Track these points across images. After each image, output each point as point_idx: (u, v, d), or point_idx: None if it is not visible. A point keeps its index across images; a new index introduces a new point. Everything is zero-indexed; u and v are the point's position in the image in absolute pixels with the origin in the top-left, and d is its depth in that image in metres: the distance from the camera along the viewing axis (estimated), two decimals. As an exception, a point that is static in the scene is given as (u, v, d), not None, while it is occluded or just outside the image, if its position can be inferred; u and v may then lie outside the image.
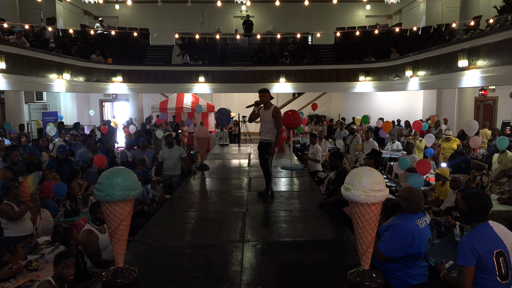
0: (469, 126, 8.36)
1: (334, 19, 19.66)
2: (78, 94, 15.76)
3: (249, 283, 2.90)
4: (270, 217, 4.53)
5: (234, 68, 15.16)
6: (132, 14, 20.16)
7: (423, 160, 6.62)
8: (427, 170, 6.25)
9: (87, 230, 4.06)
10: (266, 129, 5.22)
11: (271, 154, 5.22)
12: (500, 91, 14.40)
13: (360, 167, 3.35)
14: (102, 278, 2.88)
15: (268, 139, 5.20)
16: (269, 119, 5.16)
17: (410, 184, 5.80)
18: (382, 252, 2.96)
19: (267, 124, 5.20)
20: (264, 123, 5.23)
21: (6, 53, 9.42)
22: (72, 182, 6.46)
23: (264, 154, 5.20)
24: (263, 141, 5.25)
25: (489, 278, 2.64)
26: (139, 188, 2.84)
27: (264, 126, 5.23)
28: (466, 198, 2.82)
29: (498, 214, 5.31)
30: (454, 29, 14.47)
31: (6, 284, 3.56)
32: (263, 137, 5.26)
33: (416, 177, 5.79)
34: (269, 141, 5.18)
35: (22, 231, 4.51)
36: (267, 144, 5.20)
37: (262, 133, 5.28)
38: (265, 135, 5.23)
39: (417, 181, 5.71)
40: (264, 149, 5.22)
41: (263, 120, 5.23)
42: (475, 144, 7.90)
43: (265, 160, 5.18)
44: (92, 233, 4.03)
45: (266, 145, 5.20)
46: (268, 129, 5.20)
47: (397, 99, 16.76)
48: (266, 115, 5.21)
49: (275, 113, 5.15)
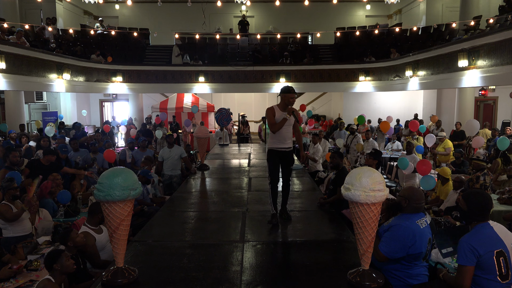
0: (470, 125, 8.29)
1: (334, 19, 19.66)
2: (78, 94, 15.76)
3: (249, 283, 2.90)
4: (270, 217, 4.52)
5: (234, 68, 15.15)
6: (132, 14, 20.16)
7: (423, 160, 6.61)
8: (427, 170, 6.23)
9: (84, 232, 4.01)
10: (287, 134, 4.38)
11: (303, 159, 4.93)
12: (500, 91, 14.40)
13: (360, 167, 3.34)
14: (102, 278, 2.88)
15: (289, 146, 4.42)
16: (292, 123, 4.39)
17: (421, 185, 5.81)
18: (383, 252, 2.95)
19: (289, 129, 4.39)
20: (286, 129, 4.35)
21: (6, 53, 9.41)
22: (74, 180, 6.45)
23: (289, 164, 4.43)
24: (286, 150, 4.38)
25: (489, 278, 2.64)
26: (139, 188, 2.84)
27: (285, 132, 4.35)
28: (467, 198, 2.82)
29: (498, 214, 5.31)
30: (454, 29, 14.47)
31: (6, 284, 3.56)
32: (284, 145, 4.36)
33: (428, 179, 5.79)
34: (291, 148, 4.44)
35: (20, 231, 4.51)
36: (290, 153, 4.45)
37: (282, 140, 4.36)
38: (286, 142, 4.38)
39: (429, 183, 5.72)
40: (288, 159, 4.42)
41: (287, 125, 4.36)
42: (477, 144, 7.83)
43: (290, 171, 4.49)
44: (89, 235, 3.97)
45: (290, 154, 4.46)
46: (290, 134, 4.41)
47: (397, 99, 16.75)
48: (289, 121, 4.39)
49: (297, 115, 4.43)
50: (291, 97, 4.29)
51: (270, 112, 4.32)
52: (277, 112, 4.30)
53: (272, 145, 4.40)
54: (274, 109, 4.33)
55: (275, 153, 4.37)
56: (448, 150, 9.12)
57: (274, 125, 4.28)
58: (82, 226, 4.15)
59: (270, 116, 4.31)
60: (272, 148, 4.41)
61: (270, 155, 4.41)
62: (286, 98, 4.29)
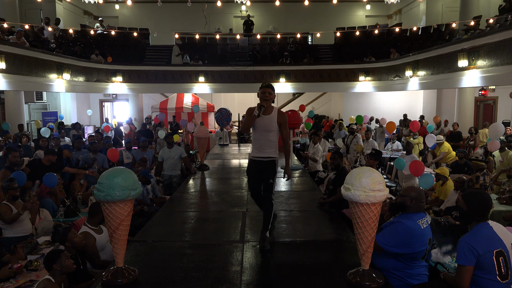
0: (494, 129, 7.68)
1: (334, 19, 19.66)
2: (78, 94, 15.76)
3: (249, 283, 2.90)
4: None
5: (234, 68, 15.15)
6: (132, 14, 20.16)
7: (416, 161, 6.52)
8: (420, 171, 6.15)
9: (84, 232, 4.02)
10: (267, 142, 3.72)
11: (288, 178, 3.96)
12: (500, 91, 14.39)
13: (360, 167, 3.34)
14: (102, 278, 2.88)
15: (272, 156, 3.74)
16: (272, 128, 3.71)
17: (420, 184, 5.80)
18: (379, 243, 2.97)
19: (269, 135, 3.72)
20: (263, 134, 3.72)
21: (6, 53, 9.41)
22: (73, 181, 6.46)
23: (268, 177, 3.71)
24: (264, 160, 3.73)
25: (489, 277, 2.64)
26: (139, 188, 2.84)
27: (264, 138, 3.72)
28: (467, 198, 2.82)
29: (498, 214, 5.32)
30: (454, 29, 14.47)
31: (6, 284, 3.56)
32: (262, 154, 3.73)
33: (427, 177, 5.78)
34: (273, 158, 3.76)
35: (20, 231, 4.51)
36: (270, 164, 3.74)
37: (259, 148, 3.75)
38: (265, 151, 3.72)
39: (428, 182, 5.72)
40: (267, 170, 3.72)
41: (263, 129, 3.72)
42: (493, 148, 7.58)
43: (269, 186, 3.73)
44: (89, 235, 3.97)
45: (269, 165, 3.73)
46: (271, 142, 3.73)
47: (397, 99, 16.76)
48: (267, 121, 3.70)
49: (282, 119, 3.74)
50: (262, 92, 3.68)
51: (248, 111, 3.75)
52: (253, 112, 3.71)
53: (251, 154, 3.87)
54: (254, 109, 3.72)
55: (252, 163, 3.81)
56: (442, 154, 9.07)
57: (243, 125, 3.81)
58: (82, 226, 4.15)
59: (246, 116, 3.80)
60: (250, 157, 3.88)
61: (248, 166, 3.89)
62: (259, 94, 3.73)
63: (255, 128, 3.76)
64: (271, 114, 3.73)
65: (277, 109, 3.79)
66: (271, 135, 3.74)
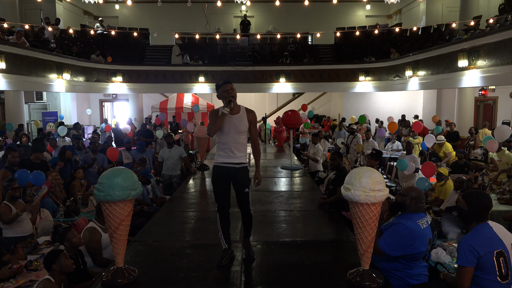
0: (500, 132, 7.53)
1: (334, 19, 19.66)
2: (78, 94, 15.76)
3: (249, 283, 2.90)
4: (270, 217, 4.53)
5: (234, 68, 15.15)
6: (132, 14, 20.16)
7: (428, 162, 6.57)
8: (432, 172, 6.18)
9: (90, 227, 4.06)
10: (237, 145, 3.30)
11: (259, 183, 3.53)
12: (500, 91, 14.39)
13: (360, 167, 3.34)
14: (102, 278, 2.88)
15: (244, 162, 3.33)
16: (243, 129, 3.30)
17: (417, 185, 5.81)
18: (381, 247, 2.96)
19: (240, 138, 3.31)
20: (233, 136, 3.28)
21: (6, 53, 9.41)
22: (74, 181, 6.46)
23: (243, 186, 3.30)
24: (236, 166, 3.29)
25: (489, 278, 2.64)
26: (139, 188, 2.85)
27: (234, 141, 3.29)
28: (467, 198, 2.81)
29: (498, 214, 5.32)
30: (454, 29, 14.47)
31: (6, 284, 3.56)
32: (234, 160, 3.29)
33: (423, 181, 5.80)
34: (246, 164, 3.35)
35: (20, 231, 4.51)
36: (243, 170, 3.31)
37: (229, 153, 3.28)
38: (237, 156, 3.29)
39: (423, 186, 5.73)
40: (240, 178, 3.29)
41: (232, 131, 3.27)
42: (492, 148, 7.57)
43: (245, 195, 3.32)
44: (95, 230, 4.03)
45: (243, 172, 3.31)
46: (241, 145, 3.33)
47: (397, 99, 16.76)
48: (236, 121, 3.27)
49: (252, 117, 3.38)
50: (223, 90, 3.25)
51: (212, 114, 3.34)
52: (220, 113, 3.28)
53: (217, 159, 3.35)
54: (218, 110, 3.32)
55: (220, 170, 3.30)
56: (449, 155, 9.08)
57: (210, 127, 3.26)
58: (90, 222, 4.19)
59: (210, 118, 3.32)
60: (216, 163, 3.35)
61: (214, 173, 3.35)
62: (220, 93, 3.29)
63: (222, 130, 3.28)
64: (240, 113, 3.31)
65: (245, 108, 3.38)
66: (242, 137, 3.33)
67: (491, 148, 7.33)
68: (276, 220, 4.40)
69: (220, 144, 3.36)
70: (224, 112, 3.18)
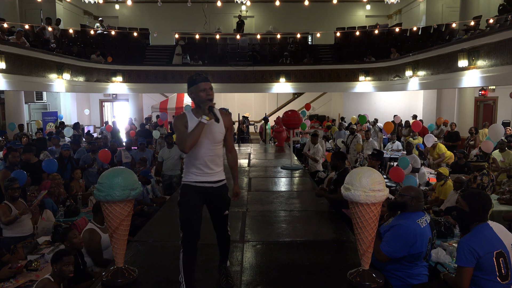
0: (494, 130, 7.55)
1: (334, 19, 19.66)
2: (78, 94, 15.76)
3: (249, 283, 2.90)
4: (270, 217, 4.52)
5: (234, 68, 15.16)
6: (132, 14, 20.16)
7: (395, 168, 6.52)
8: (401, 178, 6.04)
9: (90, 229, 4.06)
10: (214, 158, 2.73)
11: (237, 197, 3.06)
12: (500, 91, 14.40)
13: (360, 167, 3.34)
14: (102, 278, 2.88)
15: (222, 178, 2.82)
16: (220, 137, 2.75)
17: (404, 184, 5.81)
18: (385, 252, 2.95)
19: (216, 149, 2.74)
20: (209, 148, 2.70)
21: (6, 53, 9.42)
22: (72, 182, 6.46)
23: (222, 208, 2.83)
24: (214, 186, 2.75)
25: (489, 278, 2.63)
26: (139, 188, 2.84)
27: (210, 154, 2.71)
28: (468, 198, 2.80)
29: (498, 214, 5.31)
30: (454, 29, 14.47)
31: (6, 284, 3.56)
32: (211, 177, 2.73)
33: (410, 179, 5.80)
34: (224, 181, 2.85)
35: (20, 231, 4.51)
36: (222, 189, 2.82)
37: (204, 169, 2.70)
38: (214, 172, 2.74)
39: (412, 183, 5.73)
40: (219, 199, 2.80)
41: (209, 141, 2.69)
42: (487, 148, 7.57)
43: (224, 219, 2.88)
44: (95, 232, 4.03)
45: (222, 191, 2.81)
46: (218, 157, 2.77)
47: (397, 99, 16.76)
48: (214, 129, 2.70)
49: (229, 122, 2.85)
50: (201, 89, 2.62)
51: (178, 121, 2.67)
52: (191, 120, 2.64)
53: (188, 177, 2.73)
54: (185, 116, 2.69)
55: (193, 191, 2.70)
56: (442, 156, 9.06)
57: (183, 139, 2.58)
58: (89, 223, 4.19)
59: (178, 128, 2.65)
60: (187, 182, 2.73)
61: (184, 194, 2.71)
62: (196, 93, 2.64)
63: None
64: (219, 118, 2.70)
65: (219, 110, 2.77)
66: (218, 148, 2.75)
67: (487, 148, 7.34)
68: (276, 220, 4.40)
69: (190, 159, 2.70)
70: (203, 122, 2.55)
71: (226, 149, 2.98)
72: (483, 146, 7.36)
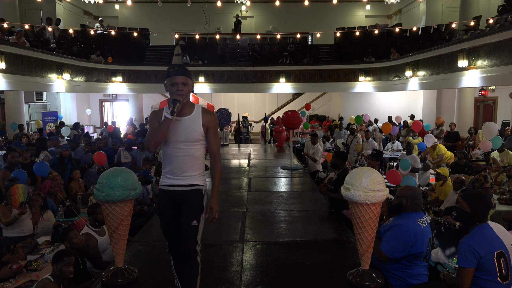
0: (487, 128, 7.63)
1: (334, 19, 19.67)
2: (78, 94, 15.76)
3: (249, 283, 2.90)
4: (270, 217, 4.52)
5: (234, 68, 15.16)
6: (132, 14, 20.16)
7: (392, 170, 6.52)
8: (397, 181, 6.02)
9: (86, 234, 4.03)
10: (187, 159, 2.48)
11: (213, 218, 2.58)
12: (500, 91, 14.40)
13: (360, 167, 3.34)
14: (102, 278, 2.88)
15: (195, 183, 2.52)
16: (195, 136, 2.48)
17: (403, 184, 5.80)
18: (385, 252, 2.95)
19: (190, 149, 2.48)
20: (180, 147, 2.46)
21: (6, 53, 9.41)
22: (72, 182, 6.46)
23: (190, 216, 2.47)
24: (183, 189, 2.48)
25: (489, 279, 2.64)
26: (139, 188, 2.85)
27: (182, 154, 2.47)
28: (468, 199, 2.80)
29: (498, 214, 5.31)
30: (454, 29, 14.47)
31: (6, 284, 3.55)
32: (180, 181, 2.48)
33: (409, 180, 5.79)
34: (198, 187, 2.54)
35: (19, 232, 4.51)
36: (193, 194, 2.50)
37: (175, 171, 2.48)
38: (185, 174, 2.48)
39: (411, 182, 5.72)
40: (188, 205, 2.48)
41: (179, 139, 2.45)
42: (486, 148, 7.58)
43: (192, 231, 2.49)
44: (91, 236, 4.00)
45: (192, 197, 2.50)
46: (194, 158, 2.51)
47: (397, 99, 16.76)
48: (186, 126, 2.46)
49: (211, 121, 2.54)
50: (172, 82, 2.40)
51: (152, 116, 2.51)
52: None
53: (162, 180, 2.55)
54: (161, 111, 2.47)
55: (164, 196, 2.52)
56: (440, 156, 9.05)
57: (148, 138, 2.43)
58: (85, 227, 4.17)
59: (150, 123, 2.50)
60: (161, 186, 2.55)
61: (158, 202, 2.62)
62: (168, 86, 2.44)
63: (166, 138, 2.42)
64: (192, 114, 2.47)
65: (202, 107, 2.55)
66: (193, 149, 2.47)
67: (485, 148, 7.36)
68: (276, 220, 4.39)
69: (164, 159, 2.49)
70: (167, 117, 2.30)
71: (209, 154, 2.64)
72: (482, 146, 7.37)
